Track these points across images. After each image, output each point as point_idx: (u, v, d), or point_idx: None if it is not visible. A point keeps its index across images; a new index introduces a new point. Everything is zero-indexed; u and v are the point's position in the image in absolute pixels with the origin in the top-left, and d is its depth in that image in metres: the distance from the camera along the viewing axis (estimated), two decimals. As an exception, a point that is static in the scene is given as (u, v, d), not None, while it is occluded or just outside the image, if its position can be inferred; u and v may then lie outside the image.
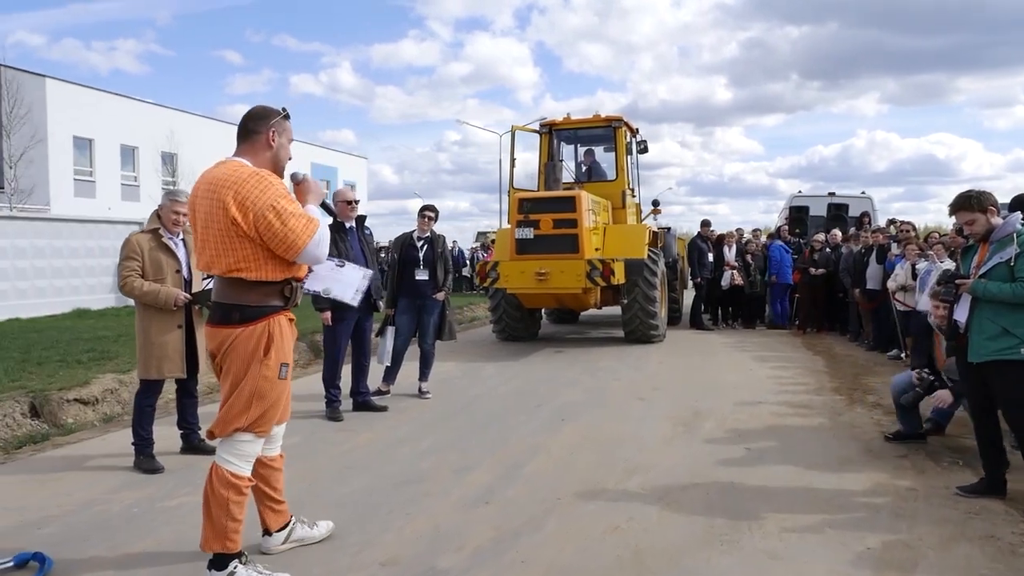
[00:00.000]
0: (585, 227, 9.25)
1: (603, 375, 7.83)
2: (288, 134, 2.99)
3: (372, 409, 6.10)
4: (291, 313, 2.99)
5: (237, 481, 2.83)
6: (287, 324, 2.92)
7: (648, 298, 9.84)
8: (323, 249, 2.83)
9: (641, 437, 5.21)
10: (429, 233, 6.71)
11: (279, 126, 2.94)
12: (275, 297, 2.85)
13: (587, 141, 11.89)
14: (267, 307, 2.83)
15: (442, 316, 6.73)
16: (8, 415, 6.05)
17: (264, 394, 2.81)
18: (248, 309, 2.81)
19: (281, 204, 2.71)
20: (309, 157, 42.53)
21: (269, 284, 2.83)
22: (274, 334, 2.82)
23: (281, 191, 2.77)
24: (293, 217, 2.72)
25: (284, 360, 2.86)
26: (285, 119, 2.98)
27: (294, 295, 2.93)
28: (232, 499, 2.81)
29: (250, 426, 2.82)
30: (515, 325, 10.62)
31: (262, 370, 2.79)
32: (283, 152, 2.97)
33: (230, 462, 2.83)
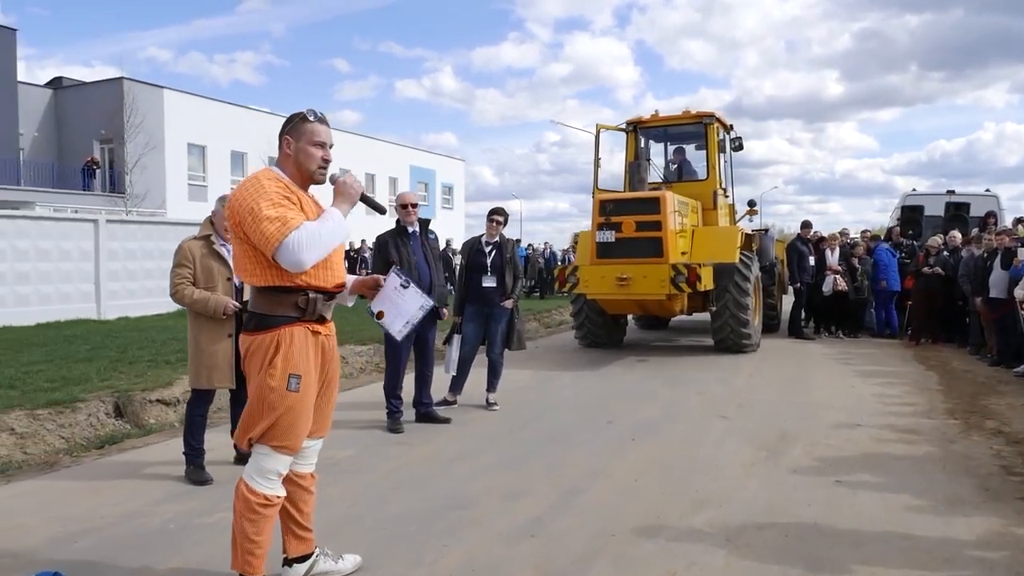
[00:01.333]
0: (670, 230, 8.74)
1: (685, 388, 7.33)
2: (309, 136, 2.74)
3: (435, 421, 5.89)
4: (321, 327, 2.78)
5: (250, 496, 2.66)
6: (304, 336, 2.72)
7: (739, 305, 9.22)
8: (305, 254, 2.56)
9: (717, 463, 4.73)
10: (498, 238, 6.44)
11: (295, 131, 2.75)
12: (287, 307, 2.69)
13: (677, 139, 11.32)
14: (278, 317, 2.68)
15: (510, 324, 6.44)
16: (93, 415, 6.22)
17: (272, 405, 2.64)
18: (261, 317, 2.70)
19: (259, 206, 2.56)
20: (408, 160, 43.40)
21: (279, 292, 2.68)
22: (283, 343, 2.66)
23: (266, 193, 2.59)
24: (267, 220, 2.54)
25: (294, 371, 2.66)
26: (303, 121, 2.75)
27: (312, 307, 2.71)
28: (245, 515, 2.66)
29: (263, 438, 2.67)
30: (598, 332, 10.22)
31: (267, 379, 2.64)
32: (303, 156, 2.74)
33: (250, 475, 2.70)
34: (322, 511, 3.82)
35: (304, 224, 2.58)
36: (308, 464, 2.96)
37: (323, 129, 2.77)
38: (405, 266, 5.54)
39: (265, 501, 2.69)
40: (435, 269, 5.69)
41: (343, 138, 38.64)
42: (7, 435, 5.56)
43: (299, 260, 2.56)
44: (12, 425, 5.66)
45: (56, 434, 5.81)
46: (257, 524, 2.67)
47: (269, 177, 2.68)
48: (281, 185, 2.67)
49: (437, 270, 5.73)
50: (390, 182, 41.82)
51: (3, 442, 5.47)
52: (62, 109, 29.25)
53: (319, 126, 2.76)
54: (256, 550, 2.66)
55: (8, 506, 4.03)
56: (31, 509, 3.95)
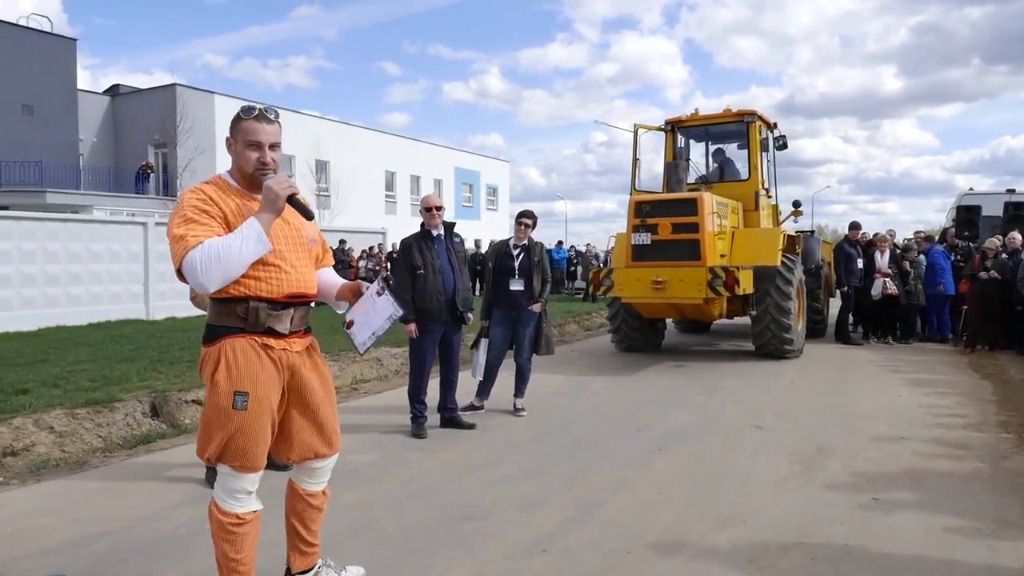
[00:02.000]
0: (708, 231, 8.50)
1: (721, 396, 7.10)
2: (244, 136, 2.49)
3: (459, 426, 5.81)
4: (274, 340, 2.55)
5: (220, 516, 2.55)
6: (252, 350, 2.51)
7: (781, 309, 8.92)
8: (203, 274, 2.33)
9: (747, 476, 4.54)
10: (526, 240, 6.34)
11: (233, 130, 2.54)
12: (231, 317, 2.50)
13: (718, 138, 11.03)
14: (221, 327, 2.51)
15: (538, 329, 6.32)
16: (129, 415, 6.32)
17: (220, 424, 2.47)
18: (209, 328, 2.56)
19: (172, 223, 2.42)
20: (452, 162, 43.60)
21: (223, 301, 2.51)
22: (224, 359, 2.49)
23: (180, 209, 2.43)
24: (173, 239, 2.38)
25: (239, 389, 2.46)
26: (237, 119, 2.53)
27: (254, 317, 2.49)
28: (221, 536, 2.55)
29: (220, 458, 2.52)
30: (634, 336, 10.02)
31: (212, 396, 2.50)
32: (241, 159, 2.51)
33: (219, 496, 2.58)
34: (334, 518, 3.78)
35: (204, 242, 2.34)
36: (319, 483, 2.84)
37: (259, 127, 2.49)
38: (429, 270, 5.48)
39: (237, 520, 2.55)
40: (459, 273, 5.61)
41: (388, 141, 39.05)
42: (46, 434, 5.68)
43: (199, 282, 2.35)
44: (52, 424, 5.77)
45: (94, 433, 5.91)
46: (234, 543, 2.55)
47: (197, 187, 2.51)
48: (202, 196, 2.45)
49: (462, 274, 5.65)
50: (435, 184, 42.06)
51: (42, 440, 5.59)
52: (119, 115, 30.20)
53: (255, 124, 2.49)
54: (240, 567, 2.57)
55: (35, 506, 4.09)
56: (55, 509, 4.01)
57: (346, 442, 5.34)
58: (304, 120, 33.64)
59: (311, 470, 2.80)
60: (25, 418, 5.67)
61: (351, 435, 5.60)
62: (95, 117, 29.48)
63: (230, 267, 2.37)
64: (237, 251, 2.36)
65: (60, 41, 27.20)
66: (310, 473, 2.81)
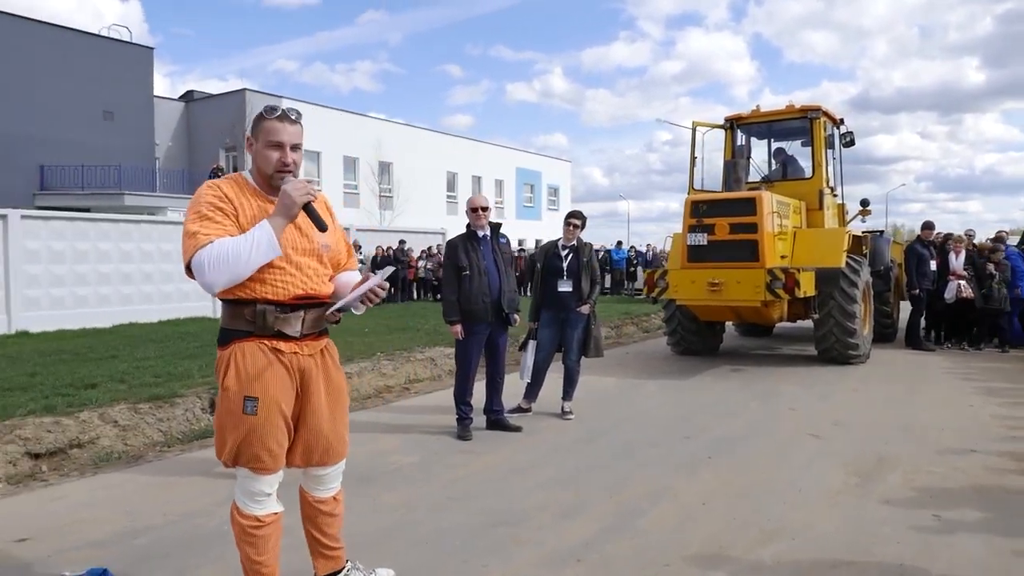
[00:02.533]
0: (767, 232, 8.23)
1: (777, 402, 6.86)
2: (266, 136, 2.47)
3: (505, 428, 5.77)
4: (284, 343, 2.51)
5: (241, 520, 2.56)
6: (261, 354, 2.48)
7: (845, 312, 8.57)
8: (210, 274, 2.32)
9: (799, 488, 4.34)
10: (575, 241, 6.25)
11: (255, 129, 2.51)
12: (240, 320, 2.48)
13: (781, 135, 10.69)
14: (232, 331, 2.50)
15: (587, 331, 6.23)
16: (189, 410, 6.51)
17: (232, 428, 2.46)
18: (221, 331, 2.54)
19: (188, 218, 2.41)
20: (514, 162, 43.70)
21: (232, 304, 2.50)
22: (234, 363, 2.47)
23: (195, 205, 2.41)
24: (186, 235, 2.36)
25: (250, 394, 2.44)
26: (260, 119, 2.51)
27: (262, 320, 2.46)
28: (242, 539, 2.56)
29: (236, 461, 2.51)
30: (691, 339, 9.79)
31: (223, 401, 2.49)
32: (260, 159, 2.49)
33: (239, 498, 2.58)
34: (372, 518, 3.80)
35: (216, 241, 2.33)
36: (327, 489, 2.81)
37: (281, 127, 2.47)
38: (475, 271, 5.46)
39: (257, 522, 2.54)
40: (505, 274, 5.57)
41: (450, 142, 39.41)
42: (110, 427, 5.89)
43: (205, 281, 2.35)
44: (116, 418, 5.99)
45: (155, 427, 6.11)
46: (256, 546, 2.55)
47: (214, 183, 2.49)
48: (219, 193, 2.43)
49: (507, 275, 5.61)
50: (496, 184, 42.24)
51: (106, 433, 5.80)
52: (192, 120, 31.40)
53: (277, 124, 2.47)
54: (263, 569, 2.58)
55: (91, 498, 4.24)
56: (108, 502, 4.15)
57: (391, 442, 5.42)
58: (367, 122, 34.29)
59: (316, 477, 2.77)
60: (91, 412, 5.89)
61: (397, 435, 5.64)
62: (170, 122, 30.74)
63: (238, 269, 2.35)
64: (246, 254, 2.34)
65: (138, 50, 28.42)
66: (316, 480, 2.78)
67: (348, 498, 4.03)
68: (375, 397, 7.48)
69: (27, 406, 5.87)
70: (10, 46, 23.69)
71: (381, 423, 6.10)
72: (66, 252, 12.56)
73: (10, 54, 23.66)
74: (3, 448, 5.29)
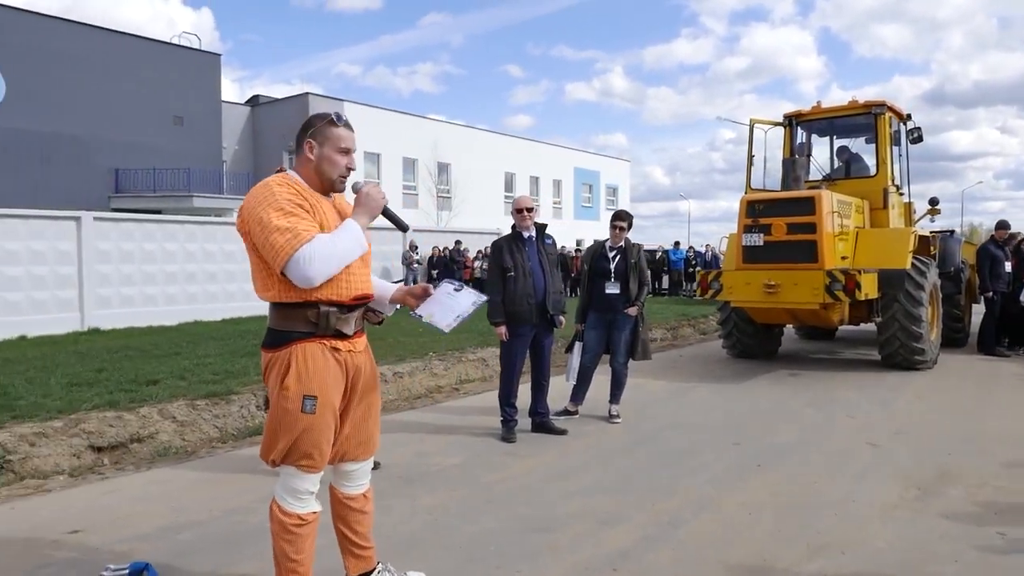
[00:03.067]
0: (826, 232, 7.94)
1: (834, 409, 6.60)
2: (335, 142, 2.56)
3: (550, 431, 5.72)
4: (341, 342, 2.59)
5: (282, 517, 2.59)
6: (321, 353, 2.54)
7: (910, 316, 8.20)
8: (315, 269, 2.39)
9: (852, 500, 4.16)
10: (623, 243, 6.15)
11: (320, 134, 2.57)
12: (299, 322, 2.52)
13: (844, 132, 10.31)
14: (290, 332, 2.52)
15: (634, 333, 6.11)
16: (244, 407, 6.68)
17: (288, 427, 2.50)
18: (275, 333, 2.57)
19: (268, 215, 2.40)
20: (572, 162, 43.53)
21: (290, 306, 2.53)
22: (295, 363, 2.51)
23: (277, 202, 2.42)
24: (276, 231, 2.38)
25: (308, 393, 2.49)
26: (330, 125, 2.58)
27: (324, 322, 2.52)
28: (281, 536, 2.60)
29: (286, 459, 2.55)
30: (747, 341, 9.53)
31: (280, 400, 2.52)
32: (326, 163, 2.57)
33: (281, 496, 2.62)
34: (408, 521, 3.81)
35: (317, 237, 2.41)
36: (357, 485, 2.84)
37: (349, 135, 2.60)
38: (520, 272, 5.43)
39: (299, 521, 2.58)
40: (550, 275, 5.52)
41: (508, 142, 39.52)
42: (169, 423, 6.08)
43: (308, 276, 2.40)
44: (174, 414, 6.18)
45: (211, 424, 6.28)
46: (294, 544, 2.59)
47: (281, 183, 2.51)
48: (294, 191, 2.49)
49: (553, 276, 5.55)
50: (554, 185, 42.16)
51: (165, 429, 6.00)
52: (258, 124, 32.34)
53: (345, 131, 2.60)
54: (299, 568, 2.61)
55: (143, 492, 4.38)
56: (158, 497, 4.27)
57: (435, 443, 5.43)
58: (425, 123, 34.67)
59: (347, 473, 2.80)
60: (152, 408, 6.09)
61: (442, 436, 5.66)
62: (237, 126, 31.73)
63: (337, 265, 2.47)
64: (344, 250, 2.47)
65: (207, 57, 29.42)
66: (346, 476, 2.81)
67: (388, 498, 4.08)
68: (425, 397, 7.53)
69: (92, 401, 6.11)
70: (88, 56, 24.83)
71: (428, 423, 6.13)
72: (135, 252, 13.08)
73: (88, 63, 24.80)
74: (68, 441, 5.52)
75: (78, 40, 24.82)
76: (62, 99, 24.05)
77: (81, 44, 24.84)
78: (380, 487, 4.30)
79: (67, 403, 6.02)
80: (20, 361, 8.39)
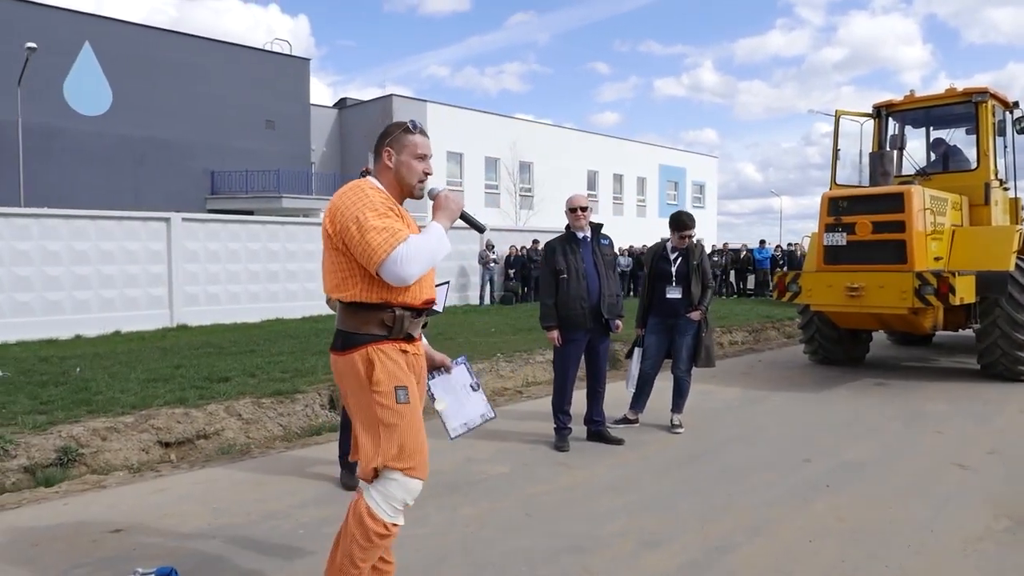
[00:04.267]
0: (916, 231, 7.33)
1: (922, 423, 6.07)
2: (412, 149, 2.65)
3: (605, 440, 5.48)
4: (409, 345, 2.63)
5: (370, 522, 2.51)
6: (396, 353, 2.57)
7: (1014, 322, 7.48)
8: (410, 268, 2.46)
9: (931, 529, 3.75)
10: (685, 244, 5.84)
11: (397, 142, 2.66)
12: (373, 325, 2.55)
13: (941, 122, 9.53)
14: (364, 335, 2.55)
15: (697, 339, 5.79)
16: (308, 406, 6.76)
17: (387, 422, 2.49)
18: (348, 335, 2.58)
19: (365, 215, 2.47)
20: (657, 159, 42.66)
21: (366, 308, 2.55)
22: (377, 359, 2.53)
23: (372, 203, 2.50)
24: (373, 231, 2.44)
25: (399, 384, 2.53)
26: (406, 133, 2.67)
27: (399, 325, 2.56)
28: (358, 540, 2.51)
29: (390, 463, 2.49)
30: (831, 347, 8.95)
31: (373, 396, 2.50)
32: (405, 169, 2.65)
33: (374, 500, 2.53)
34: (443, 534, 3.68)
35: (411, 237, 2.49)
36: None
37: (425, 142, 2.69)
38: (573, 275, 5.22)
39: (384, 531, 2.53)
40: (606, 278, 5.28)
41: (592, 140, 39.09)
42: (235, 420, 6.21)
43: (404, 274, 2.46)
44: (240, 411, 6.31)
45: (275, 422, 6.38)
46: (368, 552, 2.53)
47: (373, 187, 2.60)
48: (385, 195, 2.59)
49: (608, 279, 5.31)
50: (638, 182, 41.43)
51: (231, 426, 6.12)
52: (345, 126, 33.22)
53: (421, 138, 2.68)
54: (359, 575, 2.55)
55: (188, 491, 4.43)
56: (202, 497, 4.30)
57: (485, 450, 5.29)
58: (508, 123, 34.70)
59: None
60: (218, 405, 6.23)
61: (494, 442, 5.51)
62: (325, 128, 32.69)
63: (428, 264, 2.54)
64: (434, 251, 2.53)
65: (296, 61, 30.43)
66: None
67: (426, 507, 3.97)
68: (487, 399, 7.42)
69: (164, 397, 6.29)
70: (185, 64, 26.12)
71: (483, 428, 5.98)
72: (220, 252, 13.58)
73: (186, 70, 26.09)
74: (138, 436, 5.70)
75: (177, 49, 26.15)
76: (162, 106, 25.39)
77: (179, 53, 26.15)
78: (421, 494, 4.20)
79: (141, 399, 6.22)
80: (108, 356, 8.80)
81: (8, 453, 5.02)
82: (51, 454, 5.13)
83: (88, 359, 8.49)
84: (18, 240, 11.26)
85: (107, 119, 24.56)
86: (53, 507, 4.14)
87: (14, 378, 7.20)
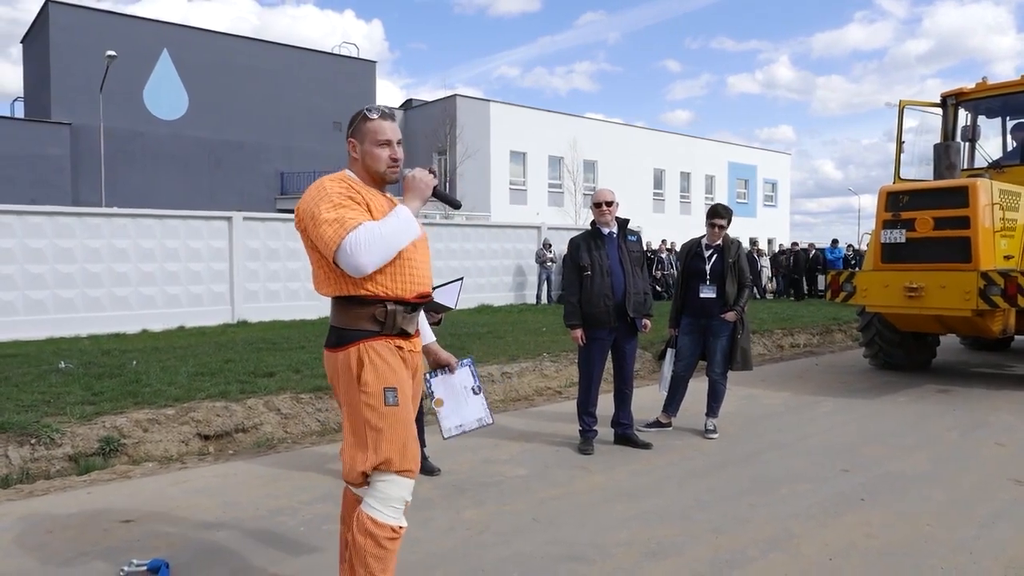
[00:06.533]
0: (983, 227, 6.82)
1: (983, 434, 5.63)
2: (372, 136, 2.54)
3: (633, 444, 5.29)
4: (404, 341, 2.54)
5: (376, 530, 2.43)
6: (388, 352, 2.48)
7: (1095, 328, 6.88)
8: (362, 256, 2.34)
9: (970, 551, 3.43)
10: (720, 241, 5.59)
11: (358, 132, 2.58)
12: (365, 320, 2.47)
13: (1019, 111, 8.88)
14: (356, 331, 2.47)
15: (732, 340, 5.53)
16: (340, 404, 6.81)
17: (374, 425, 2.42)
18: (340, 332, 2.51)
19: (319, 209, 2.41)
20: (726, 157, 41.61)
21: (356, 303, 2.47)
22: (367, 358, 2.45)
23: (327, 196, 2.43)
24: (325, 223, 2.38)
25: (388, 384, 2.44)
26: (364, 120, 2.57)
27: (391, 320, 2.47)
28: (371, 552, 2.43)
29: (382, 464, 2.43)
30: (892, 351, 8.45)
31: (361, 398, 2.43)
32: (369, 158, 2.55)
33: (372, 507, 2.47)
34: (442, 537, 3.60)
35: (363, 224, 2.38)
36: None
37: (387, 126, 2.56)
38: (597, 271, 5.06)
39: (392, 534, 2.46)
40: (632, 275, 5.09)
41: (658, 138, 38.44)
42: (274, 415, 6.30)
43: (358, 264, 2.35)
44: (279, 406, 6.40)
45: (313, 417, 6.44)
46: (384, 560, 2.45)
47: (333, 179, 2.52)
48: (344, 186, 2.50)
49: (635, 276, 5.12)
50: (706, 180, 40.50)
51: (269, 420, 6.21)
52: (409, 127, 33.61)
53: (382, 123, 2.55)
54: None
55: (206, 485, 4.49)
56: (216, 490, 4.35)
57: (509, 450, 5.19)
58: (572, 121, 34.45)
59: None
60: (257, 399, 6.33)
61: (518, 443, 5.41)
62: (391, 129, 33.18)
63: (387, 251, 2.41)
64: (393, 235, 2.41)
65: (363, 64, 31.06)
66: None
67: (431, 509, 3.89)
68: (523, 400, 7.32)
69: (208, 390, 6.44)
70: (258, 68, 26.99)
71: (511, 428, 5.91)
72: (280, 250, 13.89)
73: (257, 74, 26.96)
74: (179, 428, 5.84)
75: (248, 55, 27.06)
76: (235, 109, 26.32)
77: (251, 58, 27.05)
78: (428, 495, 4.15)
79: (186, 392, 6.37)
80: (166, 350, 9.09)
81: (55, 442, 5.20)
82: (94, 444, 5.29)
83: (147, 353, 8.79)
84: (90, 238, 11.80)
85: (184, 123, 25.62)
86: (76, 495, 4.25)
87: (75, 370, 7.50)
